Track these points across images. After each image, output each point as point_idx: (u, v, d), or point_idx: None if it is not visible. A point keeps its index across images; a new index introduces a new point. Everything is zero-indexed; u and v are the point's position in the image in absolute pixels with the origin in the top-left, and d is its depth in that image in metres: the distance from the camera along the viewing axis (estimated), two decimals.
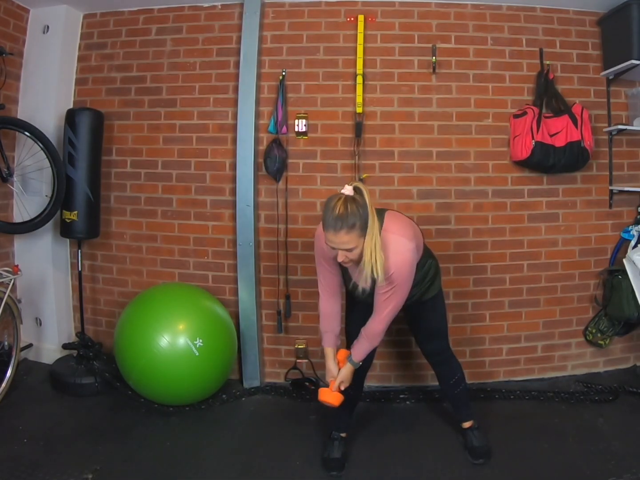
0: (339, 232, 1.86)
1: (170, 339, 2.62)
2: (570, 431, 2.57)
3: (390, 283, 1.98)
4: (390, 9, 3.11)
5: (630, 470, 2.22)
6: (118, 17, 3.30)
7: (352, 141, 3.07)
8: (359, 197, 1.90)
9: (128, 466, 2.30)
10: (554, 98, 3.05)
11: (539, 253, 3.15)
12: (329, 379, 2.23)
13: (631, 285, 2.92)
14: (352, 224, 1.85)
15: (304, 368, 3.20)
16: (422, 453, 2.43)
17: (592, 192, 3.17)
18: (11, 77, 3.12)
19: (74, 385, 2.94)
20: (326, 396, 2.17)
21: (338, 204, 1.86)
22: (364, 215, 1.88)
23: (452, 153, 3.09)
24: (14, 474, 2.17)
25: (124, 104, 3.28)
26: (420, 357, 3.04)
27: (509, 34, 3.12)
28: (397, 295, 2.02)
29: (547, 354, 3.20)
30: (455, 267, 3.10)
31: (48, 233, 3.23)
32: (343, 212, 1.85)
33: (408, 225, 2.11)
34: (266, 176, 3.11)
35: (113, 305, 3.35)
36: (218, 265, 3.22)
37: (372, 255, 1.90)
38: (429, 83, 3.10)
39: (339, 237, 1.87)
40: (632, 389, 2.94)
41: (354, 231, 1.86)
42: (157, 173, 3.26)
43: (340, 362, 2.23)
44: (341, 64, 3.10)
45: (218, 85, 3.18)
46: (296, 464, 2.36)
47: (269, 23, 3.14)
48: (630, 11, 2.85)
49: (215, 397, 2.91)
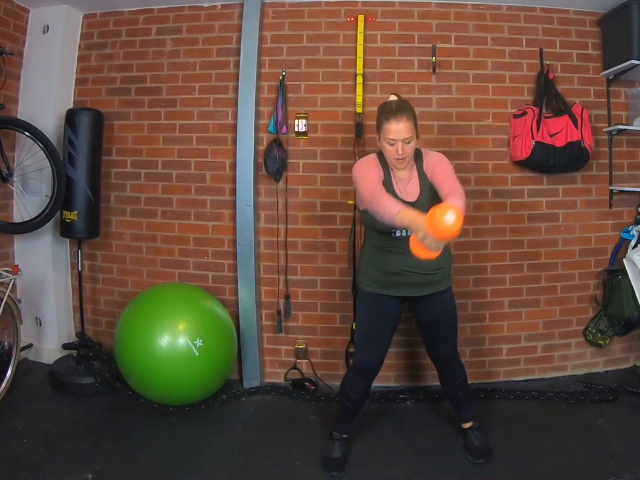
0: (401, 119, 2.06)
1: (170, 339, 2.62)
2: (570, 431, 2.57)
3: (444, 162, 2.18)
4: (390, 9, 3.11)
5: (630, 470, 2.22)
6: (118, 17, 3.30)
7: (352, 141, 3.07)
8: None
9: (128, 466, 2.30)
10: (554, 98, 3.05)
11: (539, 253, 3.15)
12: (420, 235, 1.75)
13: (631, 285, 2.92)
14: (411, 113, 2.12)
15: (304, 368, 3.20)
16: (422, 453, 2.43)
17: (592, 192, 3.17)
18: (11, 77, 3.12)
19: (74, 385, 2.94)
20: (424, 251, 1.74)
21: (393, 102, 2.16)
22: (413, 111, 2.15)
23: (452, 153, 3.07)
24: (14, 474, 2.17)
25: (124, 104, 3.28)
26: (420, 357, 3.06)
27: (509, 34, 3.12)
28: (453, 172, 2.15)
29: (547, 354, 3.20)
30: (455, 267, 3.08)
31: (48, 233, 3.23)
32: (401, 104, 2.14)
33: None
34: (266, 176, 3.11)
35: (113, 305, 3.35)
36: (218, 265, 3.22)
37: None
38: (429, 83, 3.10)
39: (402, 123, 2.06)
40: (632, 389, 2.94)
41: (411, 120, 2.10)
42: (157, 173, 3.26)
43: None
44: (341, 64, 3.10)
45: (218, 85, 3.18)
46: (296, 464, 2.36)
47: (269, 23, 3.14)
48: (630, 11, 2.85)
49: (215, 397, 2.91)
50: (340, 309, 3.14)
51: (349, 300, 3.07)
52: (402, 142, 2.08)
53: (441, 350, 2.37)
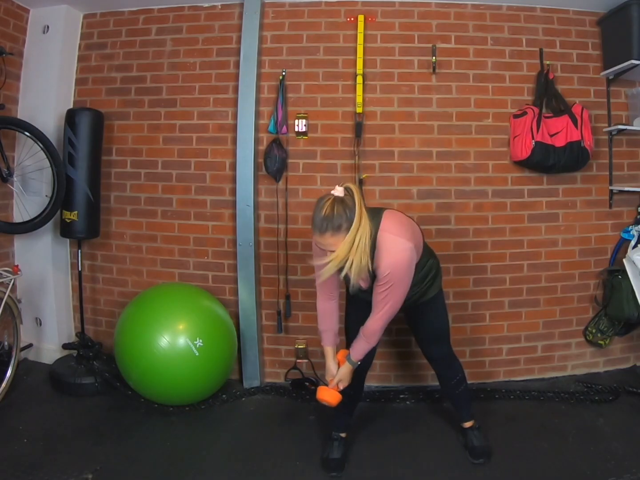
0: (325, 234, 1.87)
1: (170, 339, 2.62)
2: (570, 431, 2.57)
3: (387, 282, 1.98)
4: (390, 9, 3.11)
5: (630, 470, 2.22)
6: (118, 17, 3.30)
7: (352, 141, 3.07)
8: (348, 198, 1.90)
9: (128, 466, 2.30)
10: (554, 98, 3.05)
11: (539, 253, 3.15)
12: (328, 378, 2.24)
13: (631, 285, 2.92)
14: (338, 226, 1.85)
15: (304, 368, 3.20)
16: (422, 453, 2.43)
17: (592, 192, 3.17)
18: (11, 77, 3.12)
19: (74, 385, 2.93)
20: (325, 395, 2.17)
21: (326, 205, 1.87)
22: (351, 218, 1.87)
23: (452, 153, 3.09)
24: (14, 474, 2.17)
25: (124, 104, 3.28)
26: (420, 357, 3.04)
27: (509, 34, 3.12)
28: (394, 294, 2.02)
29: (547, 354, 3.20)
30: (455, 267, 3.10)
31: (48, 233, 3.23)
32: (329, 213, 1.85)
33: (406, 225, 2.10)
34: (266, 176, 3.11)
35: (113, 305, 3.35)
36: (218, 265, 3.22)
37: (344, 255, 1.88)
38: (429, 83, 3.10)
39: (325, 239, 1.88)
40: (632, 389, 2.94)
41: (340, 233, 1.86)
42: (157, 173, 3.26)
43: (341, 361, 2.23)
44: (341, 64, 3.10)
45: (218, 85, 3.18)
46: (296, 464, 2.36)
47: (269, 23, 3.14)
48: (630, 11, 2.85)
49: (215, 397, 2.91)
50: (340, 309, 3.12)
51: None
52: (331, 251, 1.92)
53: (432, 351, 2.40)
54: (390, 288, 2.00)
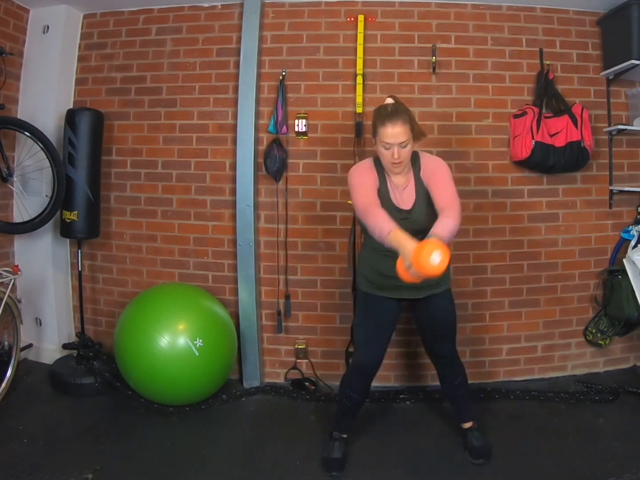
0: (397, 123, 2.03)
1: (170, 339, 2.62)
2: (570, 431, 2.57)
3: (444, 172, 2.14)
4: (390, 9, 3.11)
5: (630, 470, 2.22)
6: (118, 17, 3.30)
7: (352, 141, 3.07)
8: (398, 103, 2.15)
9: (128, 466, 2.30)
10: (554, 98, 3.05)
11: (539, 253, 3.15)
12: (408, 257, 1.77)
13: (631, 285, 2.92)
14: (406, 117, 2.08)
15: (304, 368, 3.20)
16: (422, 453, 2.43)
17: (592, 192, 3.17)
18: (11, 77, 3.12)
19: (74, 385, 2.94)
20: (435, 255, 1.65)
21: (389, 105, 2.12)
22: (410, 114, 2.12)
23: (452, 153, 3.09)
24: (14, 474, 2.17)
25: (124, 104, 3.28)
26: (420, 357, 3.06)
27: (509, 34, 3.12)
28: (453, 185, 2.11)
29: (547, 354, 3.20)
30: (455, 267, 3.09)
31: (48, 233, 3.23)
32: (397, 107, 2.10)
33: None
34: (266, 176, 3.11)
35: (113, 305, 3.35)
36: (218, 265, 3.22)
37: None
38: (429, 83, 3.10)
39: (397, 127, 2.03)
40: (632, 389, 2.94)
41: (407, 124, 2.06)
42: (157, 173, 3.26)
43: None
44: (341, 64, 3.10)
45: (218, 85, 3.18)
46: (296, 464, 2.36)
47: (269, 23, 3.14)
48: (630, 11, 2.85)
49: (215, 397, 2.91)
50: (340, 309, 3.14)
51: (349, 300, 3.07)
52: (398, 146, 2.06)
53: (440, 349, 2.38)
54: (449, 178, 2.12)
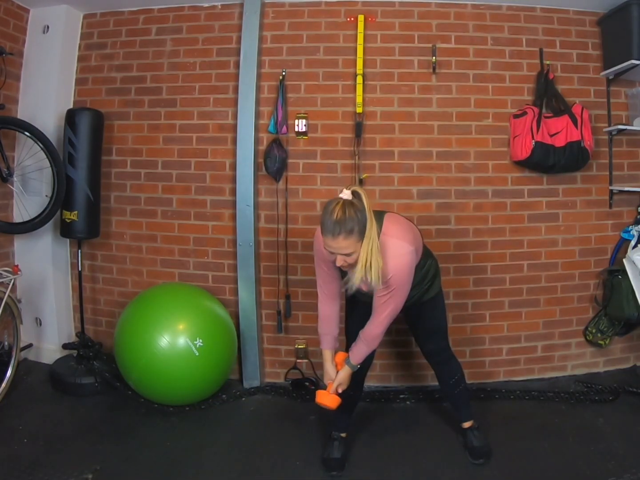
0: (337, 237, 1.84)
1: (170, 339, 2.62)
2: (570, 431, 2.57)
3: (389, 287, 1.98)
4: (390, 9, 3.11)
5: (630, 470, 2.22)
6: (118, 17, 3.30)
7: (352, 141, 3.07)
8: (357, 201, 1.89)
9: (128, 466, 2.30)
10: (554, 98, 3.05)
11: (539, 253, 3.15)
12: (326, 382, 2.23)
13: (631, 285, 2.92)
14: (350, 229, 1.84)
15: (304, 368, 3.20)
16: (422, 453, 2.43)
17: (592, 192, 3.17)
18: (11, 77, 3.12)
19: (74, 385, 2.94)
20: (323, 399, 2.17)
21: (336, 209, 1.84)
22: (362, 220, 1.86)
23: (452, 153, 3.09)
24: (14, 474, 2.17)
25: (124, 104, 3.28)
26: (420, 357, 3.04)
27: (509, 34, 3.12)
28: (395, 298, 2.02)
29: (547, 354, 3.20)
30: (455, 267, 3.10)
31: (48, 233, 3.23)
32: (341, 216, 1.83)
33: (407, 228, 2.10)
34: (266, 176, 3.11)
35: (113, 305, 3.35)
36: (218, 265, 3.22)
37: (367, 259, 1.89)
38: (429, 83, 3.10)
39: (337, 242, 1.86)
40: (632, 389, 2.94)
41: (352, 236, 1.85)
42: (157, 173, 3.26)
43: (339, 364, 2.22)
44: (341, 64, 3.10)
45: (218, 85, 3.18)
46: (296, 464, 2.36)
47: (269, 23, 3.14)
48: (630, 11, 2.85)
49: (215, 397, 2.91)
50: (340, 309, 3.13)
51: None
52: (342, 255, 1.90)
53: (428, 346, 2.41)
54: (391, 292, 1.99)
